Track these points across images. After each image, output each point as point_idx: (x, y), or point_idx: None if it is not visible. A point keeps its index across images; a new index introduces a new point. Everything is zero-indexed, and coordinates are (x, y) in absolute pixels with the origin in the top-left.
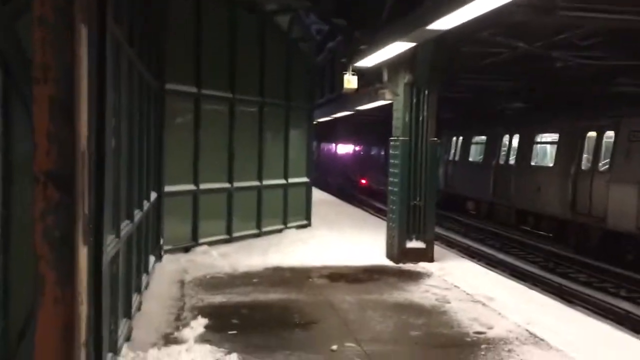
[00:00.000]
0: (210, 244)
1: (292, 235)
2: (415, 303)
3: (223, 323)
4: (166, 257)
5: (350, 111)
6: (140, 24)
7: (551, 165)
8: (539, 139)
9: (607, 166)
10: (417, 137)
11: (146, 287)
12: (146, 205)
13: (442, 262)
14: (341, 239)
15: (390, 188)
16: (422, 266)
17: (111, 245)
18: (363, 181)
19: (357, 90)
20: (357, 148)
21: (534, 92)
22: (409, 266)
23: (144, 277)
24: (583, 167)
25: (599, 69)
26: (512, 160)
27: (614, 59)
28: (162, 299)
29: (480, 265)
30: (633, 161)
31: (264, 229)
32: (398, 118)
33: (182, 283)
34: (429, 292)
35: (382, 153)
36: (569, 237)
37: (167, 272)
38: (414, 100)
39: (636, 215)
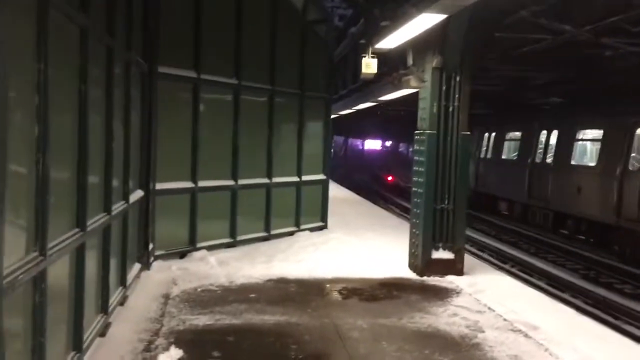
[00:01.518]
0: (210, 248)
1: (304, 239)
2: (441, 331)
3: (201, 356)
4: (157, 264)
5: (373, 102)
6: None
7: (593, 164)
8: (580, 135)
9: None
10: (446, 130)
11: (122, 303)
12: (121, 206)
13: (473, 276)
14: (359, 244)
15: (414, 189)
16: (449, 280)
17: (26, 267)
18: (389, 178)
19: (377, 75)
20: (385, 144)
21: (576, 84)
22: (434, 280)
23: (118, 292)
24: (631, 167)
25: None
26: (549, 159)
27: None
28: (137, 320)
29: (517, 279)
30: None
31: (273, 232)
32: (424, 108)
33: (166, 298)
34: (457, 315)
35: (410, 149)
36: (613, 243)
37: (152, 283)
38: (444, 88)
39: None
